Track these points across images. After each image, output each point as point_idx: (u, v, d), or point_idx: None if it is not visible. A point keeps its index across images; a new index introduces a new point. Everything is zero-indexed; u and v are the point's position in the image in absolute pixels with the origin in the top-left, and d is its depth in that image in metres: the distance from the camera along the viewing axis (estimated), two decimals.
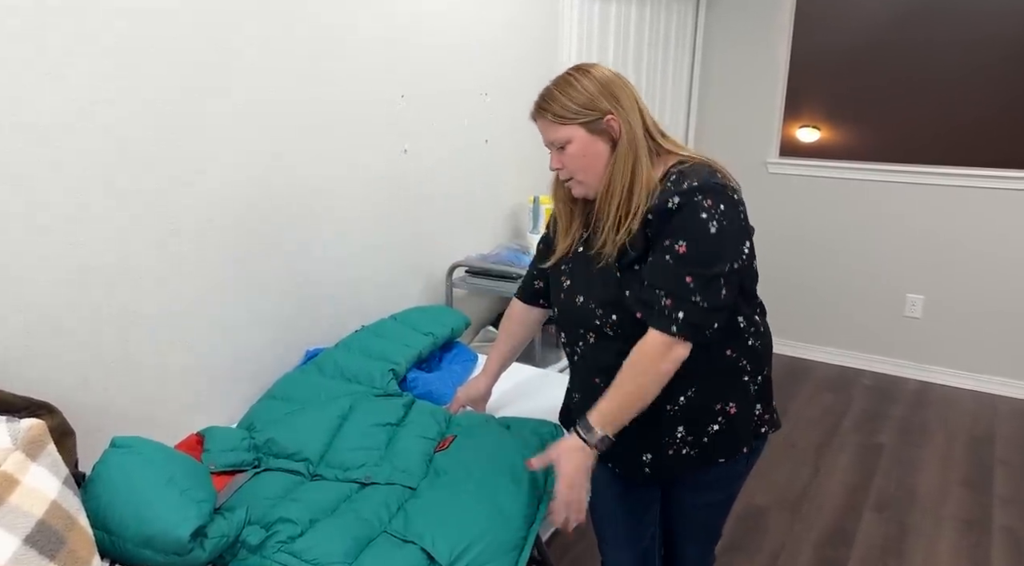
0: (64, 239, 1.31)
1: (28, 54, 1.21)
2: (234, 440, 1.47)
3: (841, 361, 3.94)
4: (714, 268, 1.19)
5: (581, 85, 1.24)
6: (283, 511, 1.27)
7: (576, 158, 1.26)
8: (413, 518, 1.31)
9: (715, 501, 1.44)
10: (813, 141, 3.82)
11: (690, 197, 1.19)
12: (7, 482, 0.84)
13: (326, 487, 1.38)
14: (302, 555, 1.18)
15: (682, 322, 1.19)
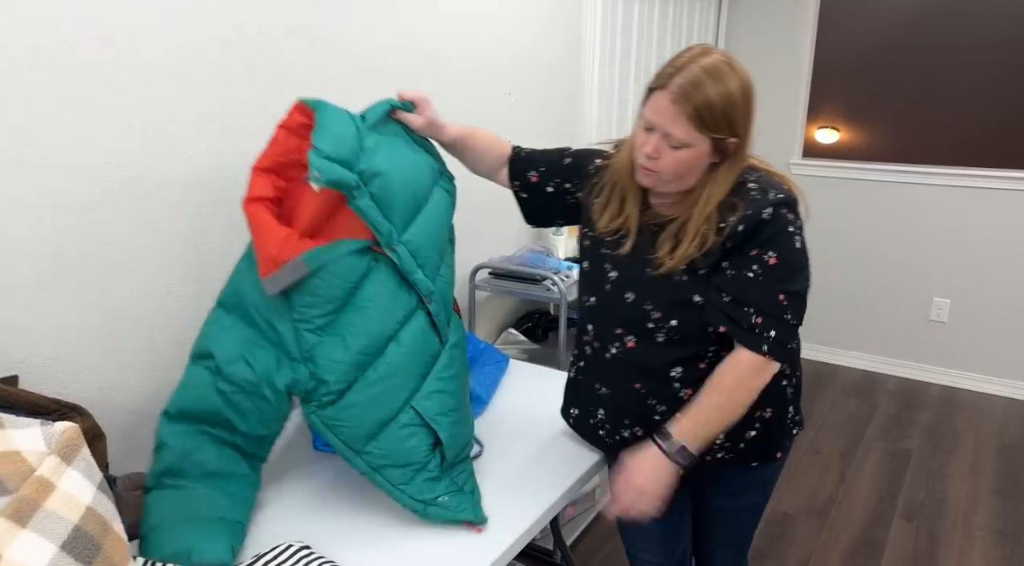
0: (84, 240, 1.30)
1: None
2: (349, 138, 1.21)
3: (865, 366, 3.89)
4: (800, 284, 1.18)
5: (733, 87, 1.12)
6: (327, 356, 1.23)
7: (681, 163, 1.16)
8: (434, 398, 1.28)
9: (749, 505, 1.42)
10: (832, 142, 3.77)
11: (779, 210, 1.16)
12: (43, 487, 0.82)
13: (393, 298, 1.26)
14: (334, 428, 1.24)
15: (774, 341, 1.17)
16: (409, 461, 1.25)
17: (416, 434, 1.26)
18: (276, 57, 1.57)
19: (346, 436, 1.24)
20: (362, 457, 1.25)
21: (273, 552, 1.14)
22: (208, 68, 1.43)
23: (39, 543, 0.78)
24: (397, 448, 1.25)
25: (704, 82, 1.11)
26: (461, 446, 1.32)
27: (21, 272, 1.21)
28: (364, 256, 1.23)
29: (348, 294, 1.23)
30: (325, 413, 1.24)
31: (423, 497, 1.25)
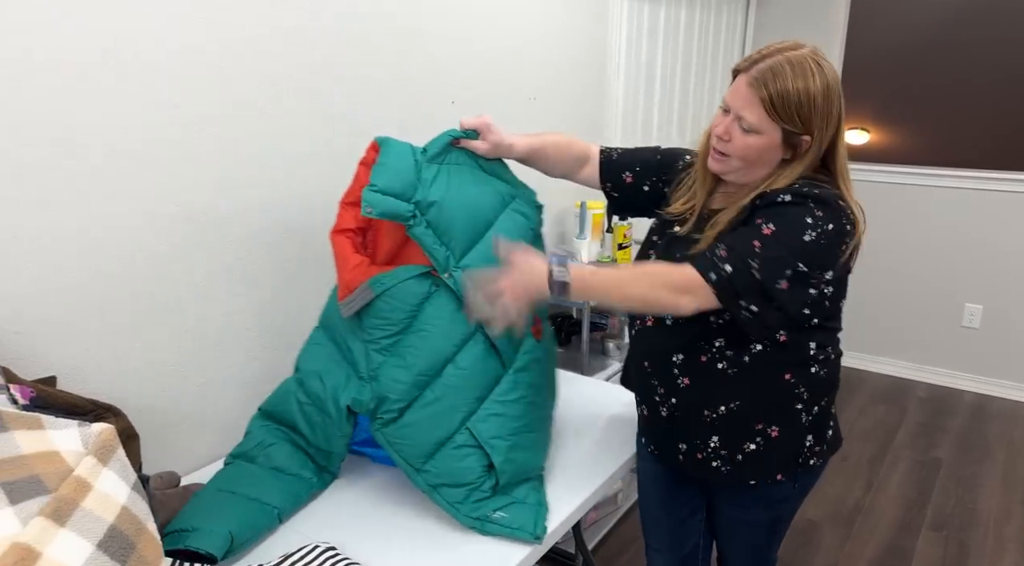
0: (122, 249, 1.33)
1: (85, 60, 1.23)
2: (405, 171, 1.28)
3: (895, 372, 3.83)
4: (788, 259, 1.11)
5: (814, 85, 1.12)
6: (390, 376, 1.28)
7: (750, 149, 1.17)
8: (490, 421, 1.30)
9: (756, 520, 1.39)
10: (862, 144, 3.72)
11: (804, 199, 1.13)
12: (81, 487, 0.85)
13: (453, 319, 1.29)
14: (395, 445, 1.29)
15: (725, 276, 1.11)
16: (463, 481, 1.28)
17: (470, 455, 1.29)
18: (327, 95, 1.60)
19: (406, 454, 1.29)
20: (421, 475, 1.30)
21: (300, 552, 1.16)
22: (257, 111, 1.46)
23: (77, 542, 0.80)
24: (451, 468, 1.28)
25: (784, 71, 1.11)
26: (518, 471, 1.33)
27: (54, 275, 1.25)
28: (425, 281, 1.31)
29: (410, 317, 1.31)
30: (388, 431, 1.30)
31: (476, 515, 1.27)
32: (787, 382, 1.24)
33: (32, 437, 0.87)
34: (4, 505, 0.80)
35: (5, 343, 1.19)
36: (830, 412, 1.34)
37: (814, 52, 1.16)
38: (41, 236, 1.21)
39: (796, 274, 1.13)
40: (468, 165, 1.37)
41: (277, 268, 1.63)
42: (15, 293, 1.19)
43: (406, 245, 1.40)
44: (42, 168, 1.19)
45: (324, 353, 1.40)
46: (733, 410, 1.26)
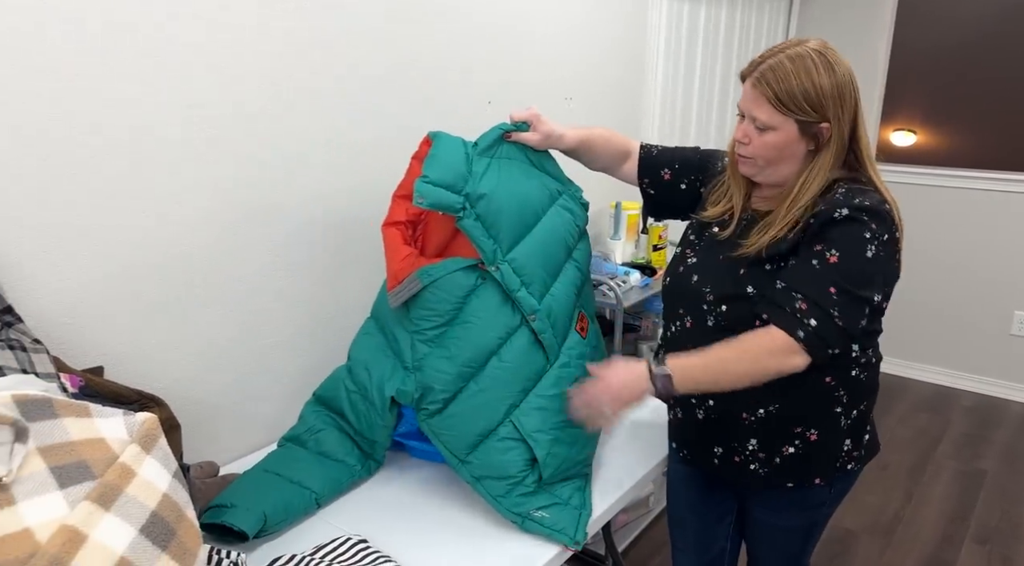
0: (167, 244, 1.38)
1: (142, 62, 1.28)
2: (457, 163, 1.30)
3: (939, 380, 3.72)
4: (861, 290, 1.13)
5: (819, 77, 1.13)
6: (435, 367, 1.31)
7: (769, 148, 1.18)
8: (533, 415, 1.31)
9: (790, 525, 1.37)
10: (908, 145, 3.63)
11: (859, 214, 1.13)
12: (125, 473, 0.88)
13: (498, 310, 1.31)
14: (440, 436, 1.31)
15: (812, 331, 1.12)
16: (506, 474, 1.29)
17: (513, 448, 1.30)
18: (381, 86, 1.63)
19: (451, 445, 1.31)
20: (466, 466, 1.31)
21: (333, 543, 1.19)
22: (301, 107, 1.50)
23: (121, 526, 0.83)
24: (494, 460, 1.29)
25: (784, 67, 1.14)
26: (561, 465, 1.33)
27: (102, 268, 1.29)
28: (472, 273, 1.32)
29: (456, 309, 1.32)
30: (433, 422, 1.32)
31: (518, 510, 1.28)
32: (827, 385, 1.23)
33: (80, 424, 0.90)
34: (54, 488, 0.83)
35: (55, 333, 1.24)
36: (869, 417, 1.32)
37: (821, 45, 1.17)
38: (91, 230, 1.26)
39: (873, 308, 1.15)
40: (518, 160, 1.38)
41: (322, 262, 1.66)
42: (65, 285, 1.24)
43: (455, 238, 1.41)
44: (93, 165, 1.24)
45: (373, 343, 1.43)
46: (772, 413, 1.25)
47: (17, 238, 1.16)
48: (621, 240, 2.53)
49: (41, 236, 1.19)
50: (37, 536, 0.78)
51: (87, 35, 1.19)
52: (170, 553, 0.87)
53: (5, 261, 1.15)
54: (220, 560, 1.02)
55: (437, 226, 1.41)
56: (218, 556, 1.02)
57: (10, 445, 0.81)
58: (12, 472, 0.80)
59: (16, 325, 1.11)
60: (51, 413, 0.88)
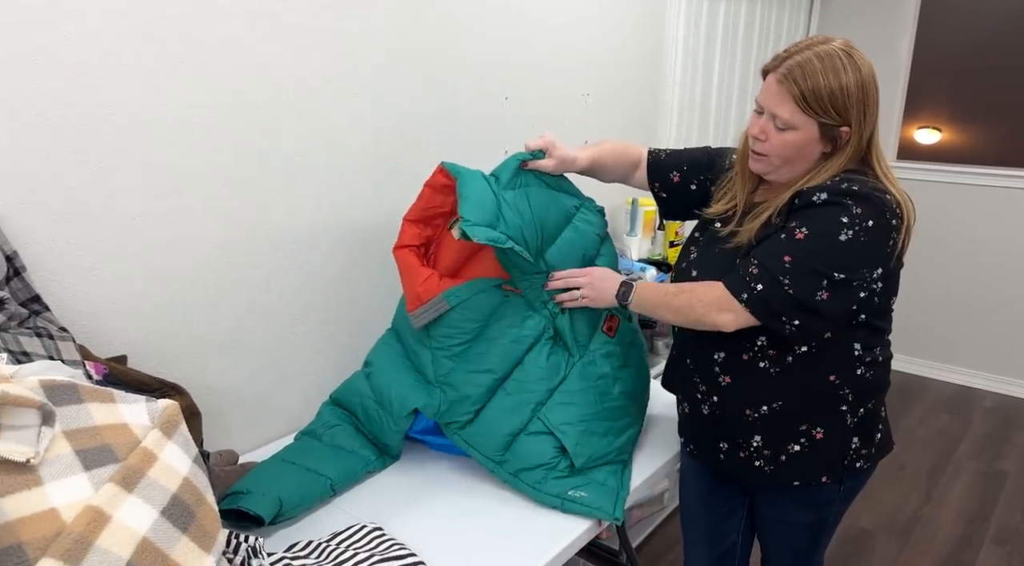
0: (191, 237, 1.41)
1: (171, 61, 1.30)
2: (488, 202, 1.35)
3: (960, 380, 3.68)
4: (822, 265, 1.10)
5: (846, 77, 1.11)
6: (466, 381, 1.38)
7: (788, 147, 1.17)
8: (559, 410, 1.38)
9: (799, 522, 1.37)
10: (933, 143, 3.58)
11: (840, 198, 1.11)
12: (147, 457, 0.90)
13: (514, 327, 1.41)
14: (474, 444, 1.39)
15: (755, 295, 1.13)
16: (538, 462, 1.36)
17: (542, 439, 1.37)
18: (380, 94, 1.65)
19: (486, 450, 1.39)
20: (503, 467, 1.38)
21: (348, 530, 1.21)
22: (325, 104, 1.52)
23: (143, 508, 0.86)
24: (527, 451, 1.37)
25: (812, 65, 1.11)
26: (592, 454, 1.39)
27: (129, 261, 1.33)
28: (497, 292, 1.41)
29: (481, 326, 1.41)
30: (465, 433, 1.40)
31: (556, 492, 1.34)
32: (831, 384, 1.23)
33: (104, 409, 0.93)
34: (79, 470, 0.86)
35: (81, 323, 1.27)
36: (879, 414, 1.31)
37: (846, 45, 1.14)
38: (118, 225, 1.29)
39: (834, 282, 1.12)
40: (536, 185, 1.44)
41: (337, 262, 1.68)
42: (92, 277, 1.28)
43: (471, 260, 1.48)
44: (123, 162, 1.27)
45: (394, 354, 1.51)
46: (775, 410, 1.24)
47: (47, 230, 1.20)
48: (637, 236, 2.54)
49: (70, 229, 1.23)
50: (63, 516, 0.81)
51: (130, 34, 1.22)
52: (190, 535, 0.90)
53: (35, 251, 1.19)
54: (239, 544, 1.04)
55: (451, 248, 1.48)
56: (237, 540, 1.04)
57: (37, 428, 0.84)
58: (39, 454, 0.82)
59: (43, 314, 1.15)
60: (76, 398, 0.91)
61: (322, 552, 1.16)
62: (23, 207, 1.17)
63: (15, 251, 1.13)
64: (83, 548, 0.78)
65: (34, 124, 1.15)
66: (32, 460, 0.81)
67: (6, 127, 1.13)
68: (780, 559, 1.44)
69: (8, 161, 1.14)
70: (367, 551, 1.16)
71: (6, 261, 1.11)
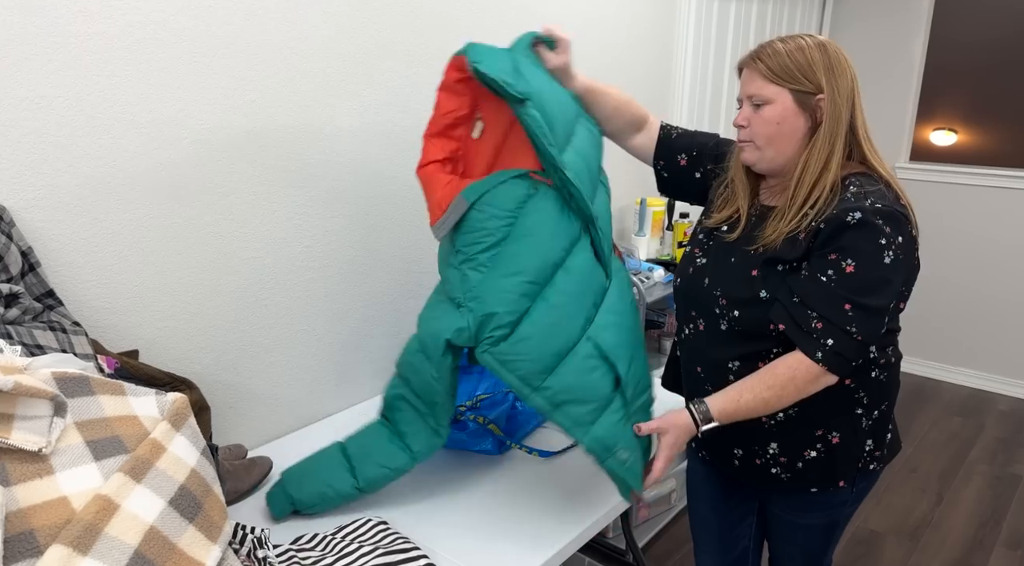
0: (205, 232, 1.43)
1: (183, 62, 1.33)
2: (505, 60, 1.21)
3: (974, 383, 3.64)
4: (878, 301, 1.11)
5: (809, 51, 1.15)
6: (496, 288, 1.19)
7: (767, 123, 1.17)
8: (609, 330, 1.21)
9: (812, 524, 1.36)
10: (949, 145, 3.55)
11: (872, 218, 1.10)
12: (156, 448, 0.92)
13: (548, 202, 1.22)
14: (508, 364, 1.17)
15: (829, 351, 1.12)
16: (593, 397, 1.18)
17: (597, 368, 1.19)
18: (386, 76, 1.67)
19: (523, 371, 1.17)
20: (541, 393, 1.17)
21: (353, 524, 1.22)
22: (312, 97, 1.54)
23: (151, 497, 0.88)
24: (579, 382, 1.17)
25: (776, 45, 1.18)
26: (637, 384, 1.25)
27: (141, 257, 1.35)
28: (523, 183, 1.22)
29: (508, 224, 1.21)
30: (498, 350, 1.18)
31: (609, 440, 1.17)
32: (847, 388, 1.22)
33: (115, 401, 0.95)
34: (89, 460, 0.88)
35: (94, 318, 1.30)
36: (890, 416, 1.31)
37: (811, 36, 1.19)
38: (130, 222, 1.31)
39: (888, 310, 1.13)
40: (545, 71, 1.29)
41: (348, 255, 1.70)
42: (104, 273, 1.30)
43: (499, 158, 1.32)
44: (135, 158, 1.30)
45: (434, 300, 1.33)
46: (792, 416, 1.24)
47: (63, 227, 1.22)
48: (646, 236, 2.54)
49: (85, 226, 1.25)
50: (73, 504, 0.83)
51: (145, 33, 1.25)
52: (197, 525, 0.92)
53: (51, 246, 1.21)
54: (245, 535, 1.06)
55: (481, 153, 1.31)
56: (243, 531, 1.06)
57: (50, 419, 0.86)
58: (51, 444, 0.84)
59: (57, 308, 1.17)
60: (88, 390, 0.93)
61: (327, 545, 1.18)
62: (39, 203, 1.19)
63: (30, 247, 1.16)
64: (92, 536, 0.80)
65: (50, 122, 1.18)
66: (44, 450, 0.83)
67: (22, 125, 1.15)
68: (791, 561, 1.44)
69: (24, 158, 1.16)
70: (372, 544, 1.17)
71: (21, 256, 1.14)
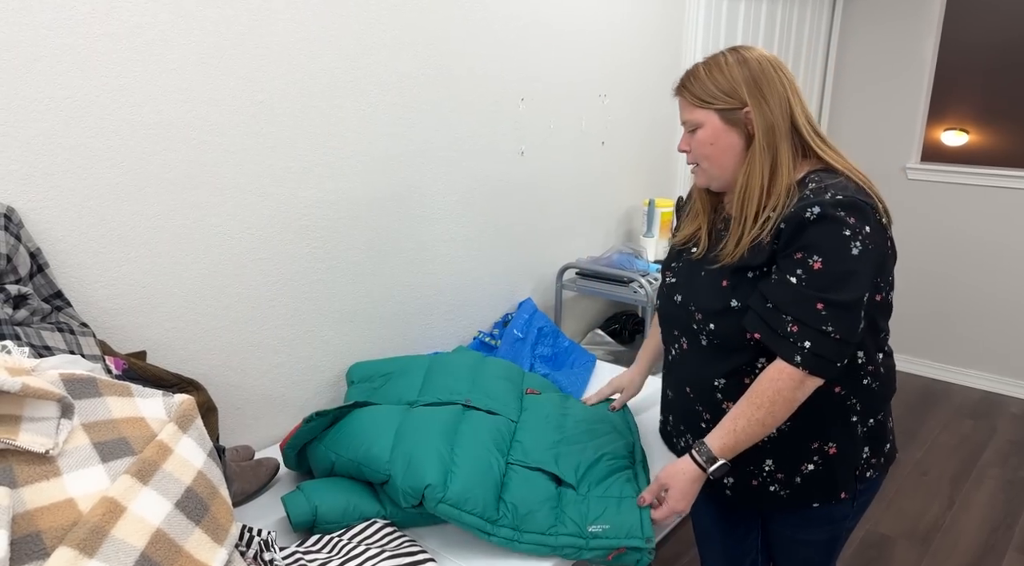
0: (213, 234, 1.43)
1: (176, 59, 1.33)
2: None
3: (985, 386, 3.61)
4: (850, 294, 1.08)
5: (728, 69, 1.17)
6: (422, 458, 1.24)
7: (703, 145, 1.20)
8: (529, 449, 1.36)
9: (814, 539, 1.34)
10: (960, 145, 3.52)
11: (833, 210, 1.08)
12: (162, 450, 0.92)
13: (435, 410, 1.40)
14: (462, 507, 1.19)
15: (808, 353, 1.09)
16: (543, 498, 1.24)
17: (533, 477, 1.28)
18: (395, 91, 1.67)
19: (478, 511, 1.20)
20: (500, 525, 1.20)
21: (360, 526, 1.22)
22: (329, 113, 1.54)
23: (157, 500, 0.87)
24: (526, 494, 1.24)
25: (696, 70, 1.21)
26: (576, 467, 1.33)
27: (150, 258, 1.35)
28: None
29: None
30: (446, 505, 1.21)
31: (574, 532, 1.20)
32: (838, 396, 1.20)
33: (122, 403, 0.95)
34: (96, 462, 0.88)
35: (102, 319, 1.30)
36: (886, 423, 1.29)
37: (736, 46, 1.21)
38: (139, 224, 1.32)
39: (861, 303, 1.10)
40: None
41: (355, 257, 1.70)
42: (112, 275, 1.30)
43: None
44: (145, 162, 1.30)
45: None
46: (785, 431, 1.22)
47: (71, 228, 1.23)
48: (654, 238, 2.53)
49: (93, 227, 1.25)
50: (80, 506, 0.83)
51: (154, 34, 1.25)
52: (203, 527, 0.91)
53: (58, 248, 1.22)
54: (252, 538, 1.06)
55: None
56: (250, 534, 1.06)
57: (57, 420, 0.86)
58: (58, 446, 0.84)
59: (65, 309, 1.17)
60: (95, 392, 0.93)
61: (334, 547, 1.18)
62: (48, 205, 1.20)
63: (38, 248, 1.16)
64: (98, 538, 0.80)
65: (58, 123, 1.18)
66: (51, 451, 0.83)
67: (31, 126, 1.15)
68: None
69: (33, 160, 1.17)
70: (378, 547, 1.17)
71: (30, 258, 1.14)
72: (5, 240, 1.09)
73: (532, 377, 1.73)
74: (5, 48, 1.11)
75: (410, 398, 1.51)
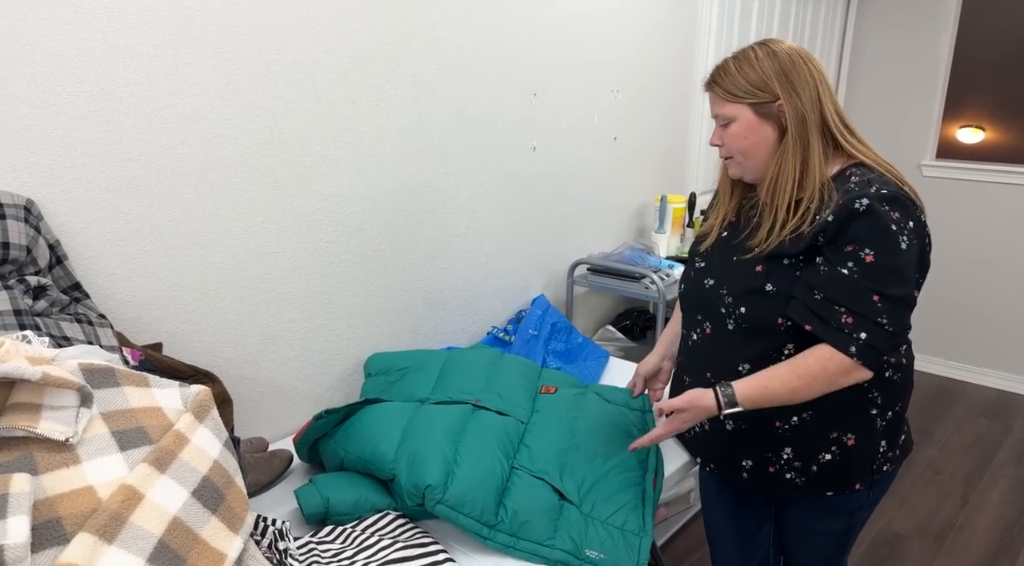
0: (228, 228, 1.44)
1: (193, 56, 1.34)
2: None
3: (1000, 385, 3.58)
4: (902, 288, 1.10)
5: (758, 63, 1.18)
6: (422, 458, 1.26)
7: (737, 138, 1.21)
8: (536, 455, 1.36)
9: (829, 530, 1.34)
10: (976, 142, 3.49)
11: (879, 204, 1.09)
12: (179, 440, 0.93)
13: (444, 409, 1.41)
14: (460, 509, 1.21)
15: (864, 344, 1.10)
16: (544, 508, 1.25)
17: (535, 487, 1.29)
18: (410, 86, 1.67)
19: (475, 514, 1.22)
20: (497, 530, 1.22)
21: (374, 517, 1.23)
22: (342, 111, 1.55)
23: (175, 488, 0.89)
24: (524, 504, 1.24)
25: (727, 65, 1.22)
26: (580, 484, 1.34)
27: (167, 253, 1.37)
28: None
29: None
30: (442, 508, 1.23)
31: (570, 549, 1.21)
32: (860, 388, 1.20)
33: (139, 393, 0.96)
34: (115, 451, 0.89)
35: (120, 310, 1.31)
36: (903, 417, 1.29)
37: (765, 40, 1.21)
38: (158, 218, 1.33)
39: (908, 292, 1.12)
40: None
41: (368, 252, 1.71)
42: (130, 267, 1.32)
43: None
44: (168, 162, 1.31)
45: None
46: (806, 420, 1.22)
47: (90, 221, 1.24)
48: (666, 234, 2.52)
49: (112, 220, 1.27)
50: (99, 493, 0.84)
51: (171, 28, 1.26)
52: (219, 516, 0.92)
53: (77, 240, 1.23)
54: (267, 527, 1.07)
55: None
56: (264, 523, 1.07)
57: (76, 409, 0.87)
58: (78, 434, 0.86)
59: (84, 300, 1.19)
60: (113, 382, 0.94)
61: (347, 537, 1.19)
62: (67, 197, 1.21)
63: (57, 240, 1.18)
64: (118, 524, 0.81)
65: (76, 117, 1.20)
66: (71, 439, 0.84)
67: (50, 120, 1.17)
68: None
69: (52, 153, 1.18)
70: (391, 538, 1.17)
71: (49, 249, 1.16)
72: (25, 232, 1.10)
73: (549, 373, 1.72)
74: (26, 42, 1.12)
75: (423, 395, 1.52)
